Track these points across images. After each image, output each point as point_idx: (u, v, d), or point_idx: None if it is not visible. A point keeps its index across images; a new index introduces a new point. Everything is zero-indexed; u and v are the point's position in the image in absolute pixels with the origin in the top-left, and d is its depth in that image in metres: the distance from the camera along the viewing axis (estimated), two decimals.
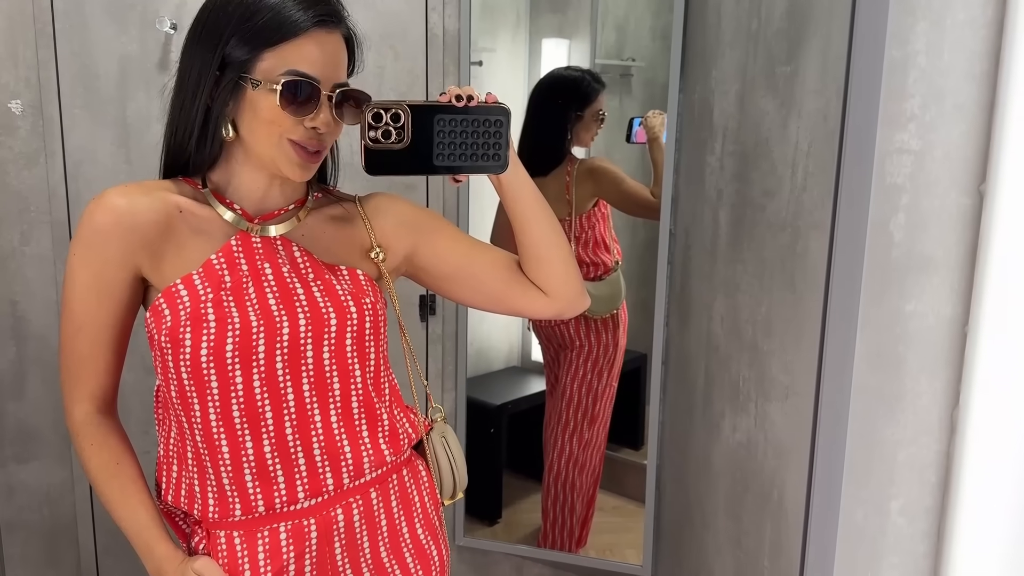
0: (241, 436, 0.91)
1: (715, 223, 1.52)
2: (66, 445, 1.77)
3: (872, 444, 0.70)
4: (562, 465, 1.98)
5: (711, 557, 1.52)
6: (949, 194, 0.65)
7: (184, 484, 0.95)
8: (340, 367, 0.95)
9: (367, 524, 0.99)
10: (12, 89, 1.65)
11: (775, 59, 1.30)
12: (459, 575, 1.97)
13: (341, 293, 0.95)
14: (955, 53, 0.63)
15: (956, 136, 0.64)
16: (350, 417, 0.96)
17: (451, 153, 0.91)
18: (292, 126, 0.87)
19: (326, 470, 0.94)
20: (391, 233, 1.02)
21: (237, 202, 0.95)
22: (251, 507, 0.92)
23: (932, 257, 0.66)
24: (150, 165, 1.69)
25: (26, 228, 1.70)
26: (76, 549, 1.81)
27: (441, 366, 1.86)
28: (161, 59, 1.66)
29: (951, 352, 0.67)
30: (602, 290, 1.97)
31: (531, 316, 1.08)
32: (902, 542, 0.70)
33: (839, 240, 0.71)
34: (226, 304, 0.89)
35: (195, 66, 0.89)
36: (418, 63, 1.73)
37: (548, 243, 0.99)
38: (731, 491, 1.43)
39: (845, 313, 0.70)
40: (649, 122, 1.90)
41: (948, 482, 0.68)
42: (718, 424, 1.49)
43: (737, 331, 1.42)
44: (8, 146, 1.67)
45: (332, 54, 0.88)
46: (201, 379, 0.89)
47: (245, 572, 0.93)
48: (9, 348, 1.72)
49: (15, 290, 1.71)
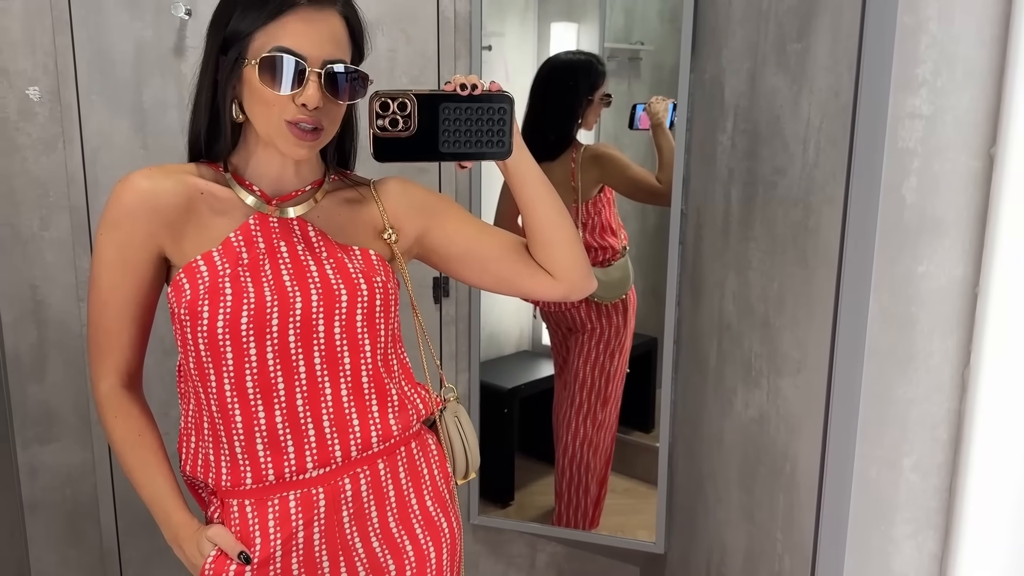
0: (254, 406, 0.95)
1: (727, 202, 1.54)
2: (87, 427, 1.81)
3: (885, 403, 0.72)
4: (576, 447, 2.01)
5: (724, 532, 1.55)
6: (960, 157, 0.67)
7: (201, 454, 0.99)
8: (351, 342, 0.99)
9: (375, 494, 1.03)
10: (30, 76, 1.68)
11: (786, 36, 1.31)
12: (474, 554, 2.00)
13: (352, 271, 0.99)
14: (966, 19, 0.65)
15: (967, 101, 0.66)
16: (360, 390, 1.00)
17: (456, 140, 0.94)
18: (284, 104, 0.90)
19: (335, 441, 0.98)
20: (403, 215, 1.06)
21: (256, 183, 0.99)
22: (262, 476, 0.96)
23: (943, 219, 0.68)
24: (166, 150, 1.72)
25: (45, 213, 1.73)
26: (98, 528, 1.85)
27: (455, 348, 1.88)
28: (176, 44, 1.69)
29: (962, 312, 0.69)
30: (611, 275, 1.99)
31: (538, 298, 1.12)
32: (915, 498, 0.73)
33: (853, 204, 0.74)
34: (243, 279, 0.94)
35: (207, 49, 0.95)
36: (429, 46, 1.75)
37: (554, 226, 1.02)
38: (743, 466, 1.46)
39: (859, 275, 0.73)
40: (653, 108, 1.91)
41: (959, 439, 0.70)
42: (730, 400, 1.51)
43: (749, 308, 1.44)
44: (27, 132, 1.70)
45: (321, 31, 0.90)
46: (217, 350, 0.93)
47: (256, 538, 0.97)
48: (30, 331, 1.76)
49: (35, 274, 1.74)
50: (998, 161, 0.66)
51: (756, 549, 1.41)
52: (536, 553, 2.02)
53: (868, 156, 0.71)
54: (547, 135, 1.92)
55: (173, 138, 1.71)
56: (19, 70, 1.67)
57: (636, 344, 2.08)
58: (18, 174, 1.70)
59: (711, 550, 1.62)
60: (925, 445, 0.71)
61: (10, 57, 1.67)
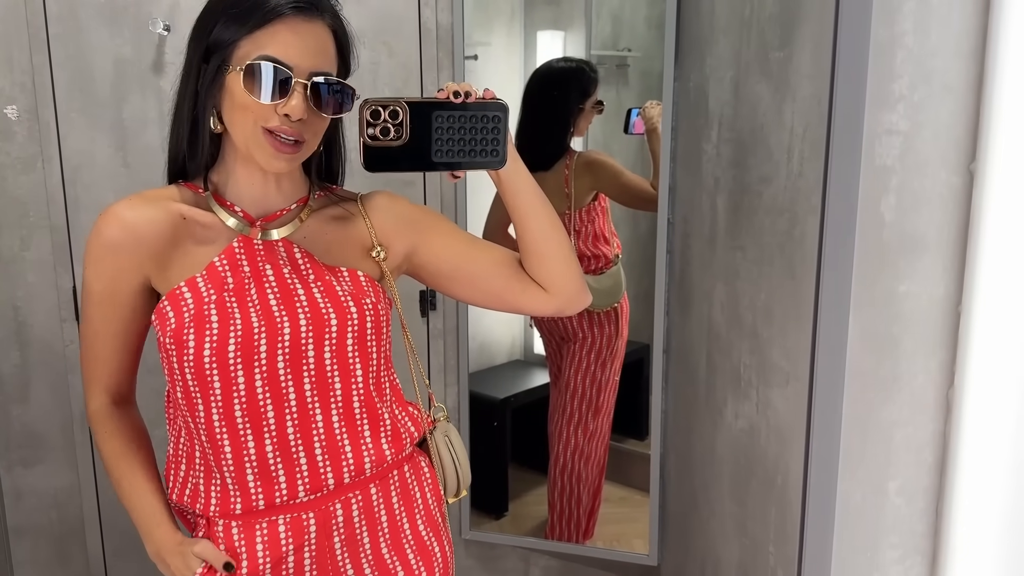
0: (243, 435, 0.93)
1: (713, 211, 1.52)
2: (72, 448, 1.79)
3: (868, 425, 0.70)
4: (568, 457, 1.99)
5: (718, 544, 1.53)
6: (939, 174, 0.65)
7: (190, 483, 0.97)
8: (341, 367, 0.96)
9: (367, 520, 1.01)
10: (8, 94, 1.66)
11: (768, 44, 1.30)
12: (467, 569, 1.98)
13: (341, 294, 0.96)
14: (942, 32, 0.63)
15: (945, 116, 0.64)
16: (351, 416, 0.98)
17: (449, 149, 0.91)
18: (265, 113, 0.88)
19: (327, 468, 0.96)
20: (392, 231, 1.03)
21: (237, 203, 0.96)
22: (251, 504, 0.94)
23: (923, 237, 0.66)
24: (148, 167, 1.70)
25: (25, 233, 1.71)
26: (85, 552, 1.83)
27: (443, 361, 1.86)
28: (155, 61, 1.67)
29: (945, 332, 0.67)
30: (603, 283, 1.98)
31: (531, 313, 1.09)
32: (901, 522, 0.71)
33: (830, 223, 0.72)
34: (229, 305, 0.91)
35: (188, 58, 0.92)
36: (412, 58, 1.73)
37: (547, 238, 0.99)
38: (735, 478, 1.44)
39: (838, 295, 0.71)
40: (647, 113, 1.89)
41: (945, 461, 0.68)
42: (721, 411, 1.49)
43: (737, 318, 1.42)
44: (6, 151, 1.68)
45: (308, 42, 0.88)
46: (204, 379, 0.91)
47: (243, 556, 0.95)
48: (13, 353, 1.74)
49: (17, 295, 1.72)
50: (978, 177, 0.64)
51: (749, 562, 1.39)
52: (529, 567, 2.00)
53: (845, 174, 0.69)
54: (541, 144, 1.91)
55: (154, 155, 1.69)
56: None
57: (629, 351, 2.06)
58: None
59: (704, 563, 1.60)
60: (910, 468, 0.69)
61: None
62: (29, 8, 1.62)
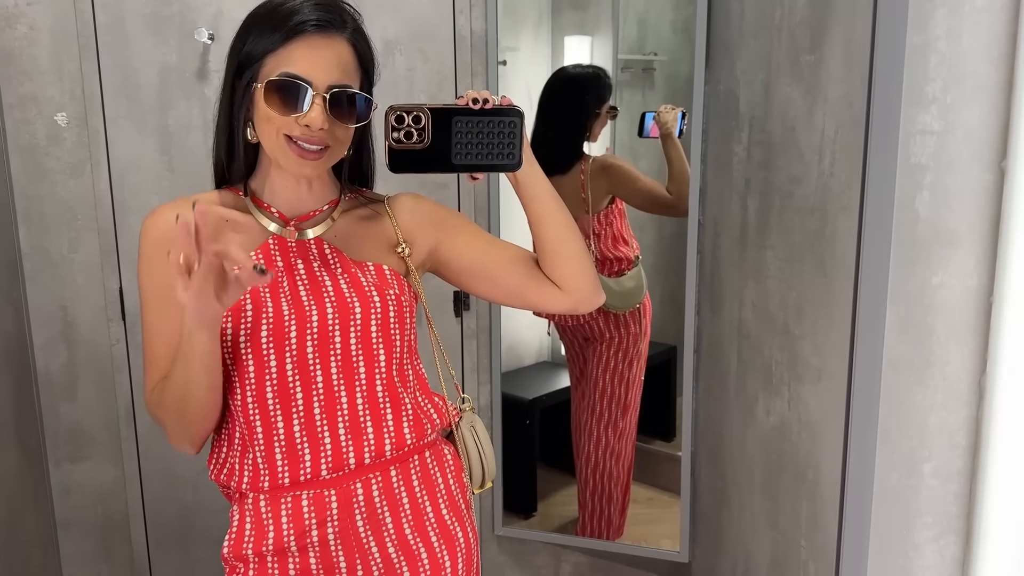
0: (273, 415, 1.00)
1: (743, 211, 1.56)
2: (117, 445, 1.86)
3: (904, 410, 0.75)
4: (600, 455, 2.04)
5: (749, 539, 1.57)
6: (971, 171, 0.70)
7: (228, 463, 1.05)
8: (366, 352, 1.03)
9: (388, 501, 1.07)
10: (58, 102, 1.74)
11: (799, 48, 1.34)
12: (499, 565, 2.03)
13: (366, 285, 1.04)
14: (973, 37, 0.68)
15: (976, 116, 0.69)
16: (375, 400, 1.05)
17: (468, 152, 0.97)
18: (287, 124, 0.96)
19: (349, 448, 1.03)
20: (416, 230, 1.12)
21: (274, 205, 1.05)
22: (277, 480, 1.01)
23: (956, 231, 0.71)
24: (192, 171, 1.78)
25: (74, 236, 1.78)
26: (129, 545, 1.90)
27: (476, 360, 1.92)
28: (200, 68, 1.75)
29: (977, 321, 0.72)
30: (624, 285, 2.01)
31: (547, 310, 1.15)
32: (935, 503, 0.75)
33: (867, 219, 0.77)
34: (262, 295, 0.99)
35: (225, 74, 1.01)
36: (447, 64, 1.80)
37: (563, 239, 1.05)
38: (766, 473, 1.48)
39: (875, 287, 0.75)
40: (662, 117, 1.92)
41: (978, 445, 0.73)
42: (752, 409, 1.54)
43: (768, 316, 1.46)
44: (56, 157, 1.76)
45: (328, 57, 0.96)
46: (240, 362, 1.00)
47: (269, 530, 1.02)
48: (61, 352, 1.81)
49: (65, 296, 1.80)
50: (1009, 174, 0.69)
51: (781, 556, 1.43)
52: (560, 563, 2.04)
53: (881, 172, 0.74)
54: (557, 148, 1.95)
55: (198, 159, 1.77)
56: (47, 97, 1.74)
57: (656, 352, 2.10)
58: (47, 198, 1.76)
59: (736, 558, 1.64)
60: (944, 451, 0.74)
61: (39, 85, 1.73)
62: (79, 19, 1.70)
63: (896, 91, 0.70)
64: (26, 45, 1.71)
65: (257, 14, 0.99)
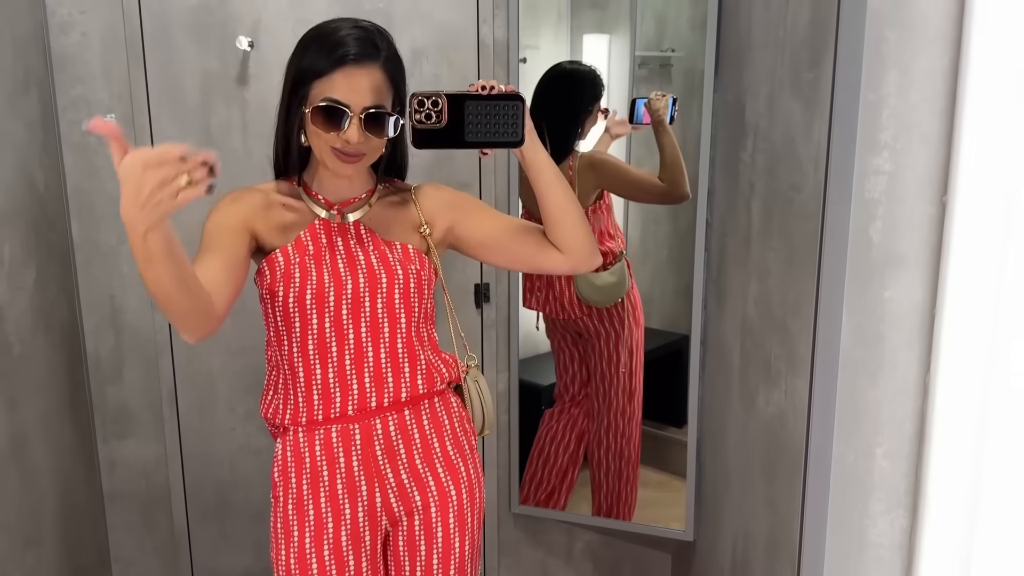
0: (313, 364, 1.31)
1: (748, 213, 1.74)
2: (160, 424, 2.09)
3: (860, 404, 0.94)
4: (611, 440, 2.23)
5: (748, 520, 1.76)
6: (917, 205, 0.88)
7: (275, 402, 1.38)
8: (390, 315, 1.33)
9: (402, 435, 1.37)
10: (107, 104, 1.95)
11: (800, 65, 1.52)
12: (515, 541, 2.25)
13: (392, 261, 1.34)
14: (919, 95, 0.86)
15: (922, 159, 0.87)
16: (395, 355, 1.35)
17: (479, 131, 1.23)
18: (331, 139, 1.24)
19: (372, 393, 1.33)
20: (436, 213, 1.40)
21: (321, 193, 1.36)
22: (313, 416, 1.32)
23: (904, 255, 0.89)
24: (232, 171, 1.99)
25: (122, 229, 1.97)
26: (170, 517, 2.13)
27: (495, 348, 2.13)
28: (239, 74, 1.94)
29: (922, 329, 0.90)
30: (606, 280, 2.15)
31: (551, 272, 1.43)
32: (886, 482, 0.94)
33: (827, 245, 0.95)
34: (308, 266, 1.29)
35: (283, 90, 1.31)
36: (471, 70, 1.99)
37: (563, 209, 1.32)
38: (765, 459, 1.67)
39: (833, 301, 0.94)
40: (654, 104, 2.01)
41: (923, 432, 0.92)
42: (753, 399, 1.73)
43: (769, 313, 1.65)
44: (105, 155, 1.96)
45: (364, 83, 1.22)
46: (289, 321, 1.31)
47: (305, 456, 1.34)
48: (109, 337, 2.04)
49: (113, 285, 2.02)
50: (948, 207, 0.87)
51: (778, 535, 1.63)
52: (573, 541, 2.26)
53: (838, 206, 0.93)
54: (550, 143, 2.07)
55: (238, 160, 1.97)
56: (97, 99, 1.95)
57: (669, 341, 2.27)
58: (97, 193, 1.98)
59: (736, 537, 1.84)
60: (894, 438, 0.93)
61: (90, 88, 1.94)
62: (127, 27, 1.91)
63: (851, 138, 0.89)
64: (79, 51, 1.92)
65: (308, 40, 1.28)
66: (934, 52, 0.85)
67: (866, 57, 0.87)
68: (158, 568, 2.18)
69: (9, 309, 1.71)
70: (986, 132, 0.83)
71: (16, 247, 1.74)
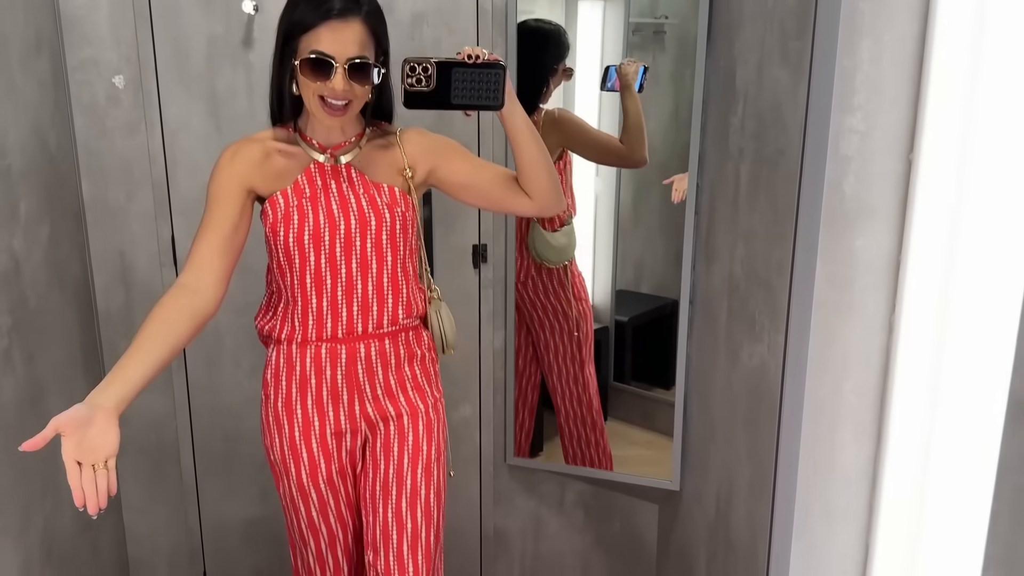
0: (310, 294, 1.54)
1: (737, 177, 1.86)
2: (168, 377, 2.20)
3: (831, 340, 1.06)
4: (568, 390, 2.32)
5: (732, 468, 1.90)
6: (886, 161, 0.99)
7: (275, 319, 1.60)
8: (377, 253, 1.53)
9: (380, 358, 1.61)
10: (115, 66, 2.03)
11: (788, 35, 1.62)
12: (510, 491, 2.39)
13: (380, 203, 1.53)
14: (889, 62, 0.97)
15: (892, 120, 0.98)
16: (381, 288, 1.56)
17: (463, 95, 1.40)
18: (319, 87, 1.40)
19: (359, 320, 1.57)
20: (418, 156, 1.58)
21: (315, 137, 1.54)
22: (307, 336, 1.57)
23: (874, 206, 1.01)
24: (237, 132, 2.09)
25: (131, 188, 2.09)
26: (178, 468, 2.25)
27: (492, 307, 2.24)
28: (245, 37, 2.03)
29: (889, 274, 1.02)
30: (559, 240, 2.27)
31: (520, 213, 1.66)
32: (854, 413, 1.07)
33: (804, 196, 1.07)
34: (305, 208, 1.50)
35: (275, 44, 1.48)
36: (470, 37, 2.08)
37: (534, 161, 1.53)
38: (748, 411, 1.80)
39: (808, 248, 1.06)
40: (623, 70, 2.14)
41: (887, 368, 1.04)
42: (737, 353, 1.86)
43: (754, 272, 1.77)
44: (114, 116, 2.05)
45: (347, 36, 1.38)
46: (290, 256, 1.52)
47: (296, 364, 1.58)
48: (119, 293, 2.14)
49: (123, 242, 2.12)
50: (914, 164, 0.98)
51: (757, 482, 1.76)
52: (564, 491, 2.40)
53: (817, 162, 1.04)
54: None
55: (243, 121, 2.06)
56: (107, 61, 2.03)
57: (659, 306, 2.38)
58: (107, 153, 2.07)
59: (720, 485, 1.98)
60: (861, 373, 1.05)
61: (99, 49, 2.02)
62: None
63: (827, 101, 1.00)
64: (87, 13, 2.00)
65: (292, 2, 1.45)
66: (903, 23, 0.96)
67: (842, 27, 0.98)
68: (167, 516, 2.30)
69: (25, 264, 1.81)
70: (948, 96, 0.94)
71: (31, 204, 1.84)
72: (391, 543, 1.62)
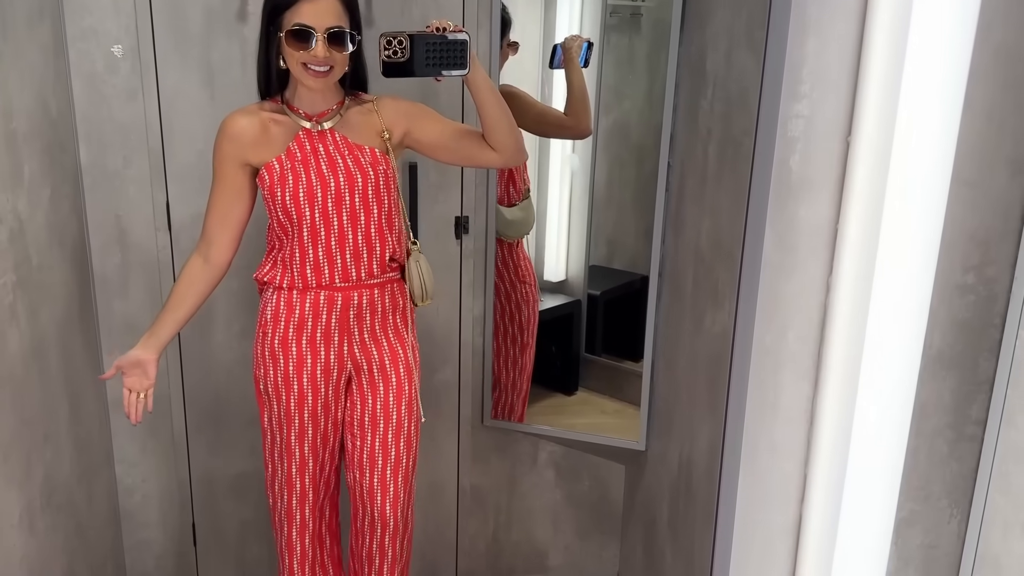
0: (307, 246, 1.83)
1: (705, 156, 2.07)
2: None
3: (776, 296, 1.28)
4: (503, 366, 2.53)
5: (695, 427, 2.12)
6: (828, 143, 1.20)
7: (275, 270, 1.89)
8: (364, 208, 1.83)
9: (369, 306, 1.90)
10: (114, 35, 2.19)
11: (754, 24, 1.82)
12: (487, 449, 2.60)
13: (363, 163, 1.81)
14: (832, 55, 1.18)
15: (833, 106, 1.19)
16: (370, 240, 1.85)
17: (434, 63, 1.68)
18: (302, 55, 1.69)
19: (351, 269, 1.86)
20: (394, 120, 1.86)
21: (301, 107, 1.82)
22: (307, 283, 1.86)
23: (816, 181, 1.22)
24: (232, 102, 2.27)
25: (128, 154, 2.25)
26: (170, 424, 2.44)
27: (472, 277, 2.44)
28: (240, 10, 2.20)
29: (828, 241, 1.23)
30: (516, 215, 2.49)
31: (488, 166, 2.04)
32: (795, 358, 1.28)
33: (756, 172, 1.27)
34: (299, 169, 1.79)
35: (261, 20, 1.76)
36: (456, 15, 2.25)
37: (497, 119, 1.80)
38: (709, 374, 2.02)
39: (758, 217, 1.27)
40: (567, 44, 2.37)
41: (824, 319, 1.25)
42: (701, 320, 2.07)
43: (719, 244, 1.98)
44: (112, 84, 2.21)
45: (325, 9, 1.67)
46: (288, 213, 1.81)
47: (295, 307, 1.87)
48: (115, 254, 2.31)
49: (119, 205, 2.28)
50: (851, 145, 1.19)
51: (716, 439, 1.98)
52: (538, 451, 2.62)
53: (767, 142, 1.24)
54: None
55: (237, 91, 2.24)
56: (105, 30, 2.18)
57: (629, 281, 2.59)
58: (105, 120, 2.23)
59: (683, 443, 2.21)
60: (803, 323, 1.27)
61: (98, 19, 2.18)
62: None
63: (777, 89, 1.20)
64: None
65: None
66: (844, 23, 1.16)
67: (792, 26, 1.19)
68: (158, 470, 2.49)
69: (29, 223, 1.97)
70: (882, 86, 1.15)
71: (35, 166, 1.99)
72: (376, 466, 1.96)
